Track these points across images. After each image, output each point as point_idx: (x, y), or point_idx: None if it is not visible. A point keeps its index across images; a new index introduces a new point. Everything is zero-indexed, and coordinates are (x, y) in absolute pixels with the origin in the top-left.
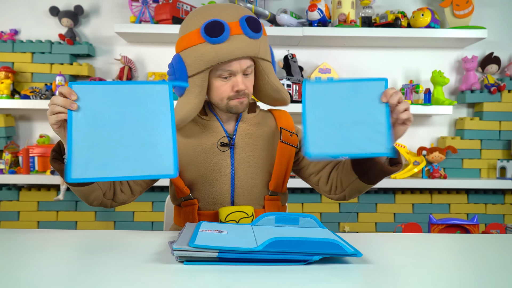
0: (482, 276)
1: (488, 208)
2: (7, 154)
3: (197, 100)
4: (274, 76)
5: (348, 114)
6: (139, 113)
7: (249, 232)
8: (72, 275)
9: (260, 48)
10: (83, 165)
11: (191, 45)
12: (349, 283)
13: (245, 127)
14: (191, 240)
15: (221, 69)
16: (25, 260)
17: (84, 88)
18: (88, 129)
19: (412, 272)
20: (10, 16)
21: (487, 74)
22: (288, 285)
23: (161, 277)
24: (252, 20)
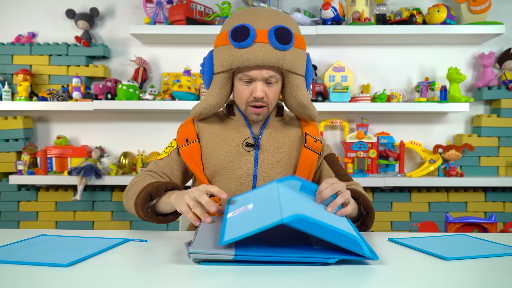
0: (500, 275)
1: (506, 206)
2: (25, 155)
3: (218, 97)
4: (303, 92)
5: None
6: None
7: (275, 198)
8: (91, 276)
9: (285, 60)
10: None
11: (220, 45)
12: (365, 284)
13: (271, 130)
14: (220, 238)
15: (241, 73)
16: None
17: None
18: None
19: (426, 273)
20: (28, 20)
21: (505, 70)
22: (304, 286)
23: (177, 278)
24: (282, 31)
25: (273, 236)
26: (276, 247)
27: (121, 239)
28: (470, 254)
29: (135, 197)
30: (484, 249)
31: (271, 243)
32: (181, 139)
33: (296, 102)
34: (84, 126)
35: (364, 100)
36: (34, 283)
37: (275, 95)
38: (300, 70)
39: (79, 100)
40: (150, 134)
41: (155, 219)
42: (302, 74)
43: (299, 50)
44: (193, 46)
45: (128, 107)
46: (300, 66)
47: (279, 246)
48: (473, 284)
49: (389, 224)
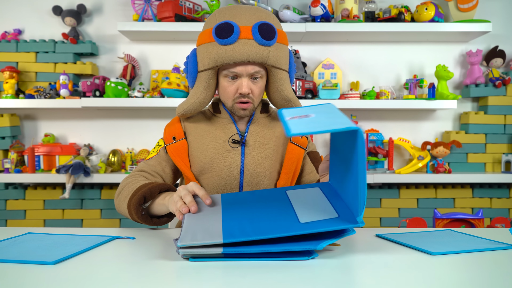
0: (486, 270)
1: (493, 202)
2: (12, 153)
3: (203, 95)
4: (287, 86)
5: None
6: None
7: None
8: (78, 274)
9: (270, 56)
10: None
11: (204, 42)
12: (352, 279)
13: (257, 126)
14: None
15: (227, 70)
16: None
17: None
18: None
19: (412, 268)
20: (14, 16)
21: (492, 68)
22: (292, 281)
23: (166, 274)
24: (266, 27)
25: (259, 210)
26: (264, 232)
27: (109, 237)
28: (456, 249)
29: (128, 199)
30: (471, 244)
31: (259, 226)
32: (168, 138)
33: (280, 96)
34: (72, 123)
35: (353, 97)
36: (20, 281)
37: (260, 91)
38: (284, 65)
39: (66, 97)
40: (139, 131)
41: (150, 222)
42: (286, 69)
43: (282, 45)
44: (182, 43)
45: (116, 105)
46: (284, 61)
47: (266, 229)
48: (459, 278)
49: (378, 220)
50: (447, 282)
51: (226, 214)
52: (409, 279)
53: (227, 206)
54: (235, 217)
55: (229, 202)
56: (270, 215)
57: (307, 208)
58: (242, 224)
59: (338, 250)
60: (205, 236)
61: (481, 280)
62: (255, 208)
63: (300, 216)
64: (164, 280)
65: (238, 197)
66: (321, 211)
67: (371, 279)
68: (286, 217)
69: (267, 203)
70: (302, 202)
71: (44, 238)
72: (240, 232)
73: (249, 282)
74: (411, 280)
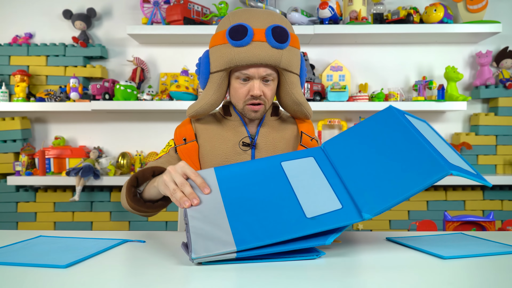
0: (498, 274)
1: (504, 205)
2: (23, 156)
3: (215, 96)
4: (298, 90)
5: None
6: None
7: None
8: (89, 277)
9: (282, 59)
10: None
11: (217, 44)
12: (362, 283)
13: (267, 129)
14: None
15: (239, 72)
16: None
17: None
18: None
19: (423, 272)
20: (25, 20)
21: (502, 69)
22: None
23: (176, 278)
24: (279, 30)
25: (262, 202)
26: (275, 235)
27: (119, 240)
28: (467, 253)
29: (124, 185)
30: (482, 247)
31: (268, 227)
32: (179, 139)
33: (291, 100)
34: (82, 126)
35: (362, 99)
36: (32, 284)
37: (272, 93)
38: (296, 69)
39: (76, 100)
40: (148, 134)
41: (143, 205)
42: (297, 72)
43: (294, 49)
44: (190, 46)
45: (126, 108)
46: (295, 65)
47: (276, 231)
48: (470, 283)
49: (387, 223)
50: (459, 286)
51: (231, 212)
52: (420, 283)
53: (228, 197)
54: (241, 216)
55: (228, 189)
56: (275, 209)
57: (309, 195)
58: (251, 226)
59: (349, 253)
60: (218, 246)
61: (493, 285)
62: (258, 200)
63: (305, 208)
64: (176, 284)
65: (235, 178)
66: (324, 199)
67: (382, 283)
68: (292, 211)
69: (269, 191)
70: (303, 185)
71: (56, 241)
72: (251, 236)
73: (262, 284)
74: (422, 284)
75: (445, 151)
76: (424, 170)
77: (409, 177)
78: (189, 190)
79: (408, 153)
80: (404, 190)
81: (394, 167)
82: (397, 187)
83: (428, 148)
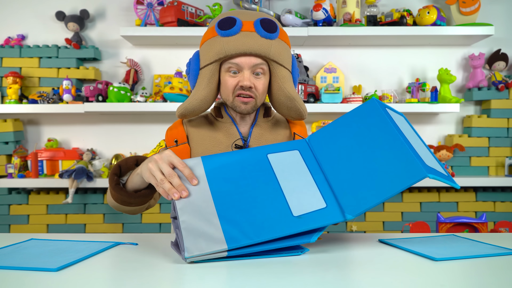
0: (489, 276)
1: (496, 206)
2: (16, 158)
3: (205, 91)
4: (290, 84)
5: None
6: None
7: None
8: (80, 281)
9: (271, 49)
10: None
11: (206, 39)
12: (354, 285)
13: (260, 131)
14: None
15: (229, 62)
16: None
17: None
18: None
19: (415, 274)
20: (17, 22)
21: (495, 71)
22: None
23: (168, 280)
24: (268, 21)
25: (250, 199)
26: (264, 234)
27: (111, 243)
28: (459, 255)
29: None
30: (474, 249)
31: (257, 225)
32: (170, 140)
33: (283, 95)
34: (75, 128)
35: (356, 101)
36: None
37: (263, 88)
38: (286, 64)
39: (69, 102)
40: (141, 136)
41: (125, 194)
42: (288, 68)
43: (284, 43)
44: (184, 47)
45: (119, 109)
46: (286, 59)
47: (265, 229)
48: (462, 284)
49: (381, 224)
50: None
51: (220, 207)
52: (412, 285)
53: (216, 190)
54: (230, 212)
55: (216, 180)
56: (263, 206)
57: (295, 192)
58: (240, 224)
59: (339, 256)
60: (210, 244)
61: (484, 287)
62: (246, 195)
63: (292, 206)
64: (168, 285)
65: (223, 169)
66: (309, 197)
67: (373, 285)
68: (280, 209)
69: (256, 185)
70: (289, 180)
71: (47, 244)
72: (241, 234)
73: (253, 282)
74: (413, 286)
75: (421, 150)
76: (404, 172)
77: (389, 178)
78: (178, 181)
79: (389, 151)
80: (384, 192)
81: (375, 166)
82: (378, 188)
83: (408, 149)
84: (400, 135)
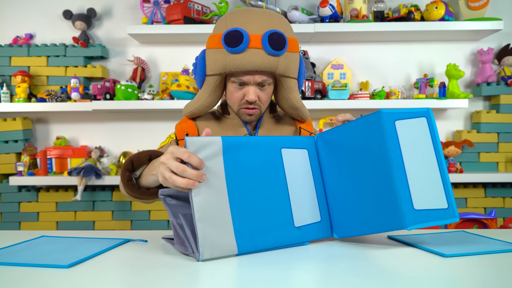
0: (500, 272)
1: (506, 202)
2: (25, 156)
3: (210, 98)
4: (295, 94)
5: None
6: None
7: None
8: (92, 277)
9: (278, 65)
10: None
11: (213, 47)
12: (364, 281)
13: (266, 127)
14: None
15: (234, 77)
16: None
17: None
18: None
19: (425, 270)
20: (25, 21)
21: (504, 66)
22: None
23: (178, 277)
24: (276, 36)
25: (262, 205)
26: (270, 243)
27: (121, 240)
28: (469, 251)
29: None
30: (484, 245)
31: (265, 233)
32: (181, 133)
33: (288, 104)
34: (83, 126)
35: (363, 97)
36: (35, 285)
37: (267, 97)
38: (293, 73)
39: (77, 100)
40: (149, 133)
41: (137, 192)
42: (295, 77)
43: (292, 54)
44: (191, 45)
45: (127, 107)
46: (293, 70)
47: (272, 239)
48: (472, 281)
49: None
50: (460, 284)
51: (234, 208)
52: (421, 282)
53: (232, 183)
54: (243, 217)
55: (232, 167)
56: (272, 212)
57: (299, 200)
58: (251, 231)
59: (350, 251)
60: (223, 250)
61: (494, 283)
62: (258, 197)
63: (294, 215)
64: (176, 284)
65: (240, 152)
66: (309, 208)
67: (383, 282)
68: (285, 218)
69: (268, 185)
70: (296, 186)
71: (58, 241)
72: (250, 241)
73: (263, 279)
74: (423, 282)
75: (423, 180)
76: (387, 215)
77: (373, 217)
78: (191, 172)
79: (380, 185)
80: (367, 229)
81: (366, 197)
82: (363, 222)
83: (395, 190)
84: (396, 166)
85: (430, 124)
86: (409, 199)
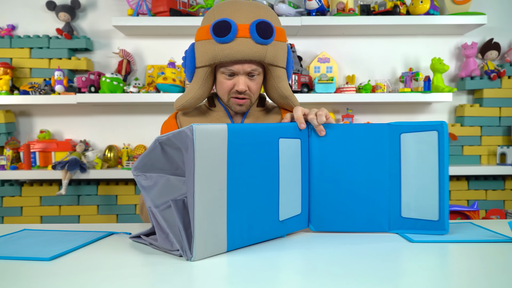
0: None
1: (488, 194)
2: (8, 150)
3: (200, 90)
4: (285, 84)
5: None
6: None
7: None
8: (74, 269)
9: (267, 54)
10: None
11: (202, 39)
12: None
13: (252, 119)
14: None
15: (224, 67)
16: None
17: None
18: None
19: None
20: (7, 12)
21: (487, 61)
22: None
23: (162, 269)
24: (264, 25)
25: (256, 201)
26: (257, 238)
27: (105, 232)
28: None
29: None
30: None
31: (254, 230)
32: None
33: (278, 93)
34: (67, 119)
35: (349, 91)
36: (16, 277)
37: (257, 87)
38: (281, 63)
39: (62, 93)
40: (135, 127)
41: None
42: (283, 66)
43: (280, 43)
44: (177, 37)
45: (112, 100)
46: (281, 59)
47: (259, 234)
48: (434, 266)
49: None
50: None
51: (231, 203)
52: (382, 261)
53: (232, 163)
54: (237, 214)
55: (235, 146)
56: (262, 207)
57: (286, 193)
58: (241, 228)
59: (326, 239)
60: (214, 248)
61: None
62: (254, 189)
63: (280, 209)
64: (161, 275)
65: (244, 138)
66: (293, 201)
67: (350, 267)
68: (272, 213)
69: (263, 177)
70: (285, 178)
71: (40, 234)
72: (239, 238)
73: (253, 275)
74: (384, 261)
75: (418, 191)
76: (372, 218)
77: (358, 216)
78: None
79: (372, 189)
80: (348, 226)
81: (354, 196)
82: (345, 219)
83: (388, 197)
84: (392, 175)
85: (441, 138)
86: (398, 207)
